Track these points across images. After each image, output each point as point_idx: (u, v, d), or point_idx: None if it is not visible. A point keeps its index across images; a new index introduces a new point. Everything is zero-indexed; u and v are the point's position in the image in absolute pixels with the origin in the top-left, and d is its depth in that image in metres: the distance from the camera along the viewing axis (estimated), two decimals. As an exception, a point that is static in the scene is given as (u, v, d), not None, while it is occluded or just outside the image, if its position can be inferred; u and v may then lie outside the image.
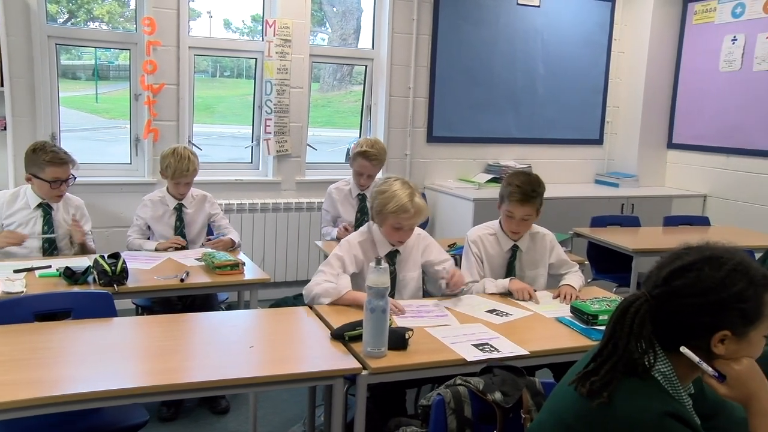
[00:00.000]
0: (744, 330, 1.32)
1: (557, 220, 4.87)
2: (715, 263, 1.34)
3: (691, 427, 1.28)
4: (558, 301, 2.88)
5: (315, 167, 5.44)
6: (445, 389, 1.91)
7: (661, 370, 1.35)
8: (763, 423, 1.35)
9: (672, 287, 1.34)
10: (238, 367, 2.05)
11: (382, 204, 2.76)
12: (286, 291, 5.08)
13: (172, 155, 3.60)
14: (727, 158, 5.59)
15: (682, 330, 1.34)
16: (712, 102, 5.71)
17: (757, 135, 5.32)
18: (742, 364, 1.34)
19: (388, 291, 2.16)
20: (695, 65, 5.87)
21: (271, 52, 4.95)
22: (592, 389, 1.33)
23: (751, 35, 5.36)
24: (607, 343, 1.37)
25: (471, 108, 5.68)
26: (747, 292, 1.31)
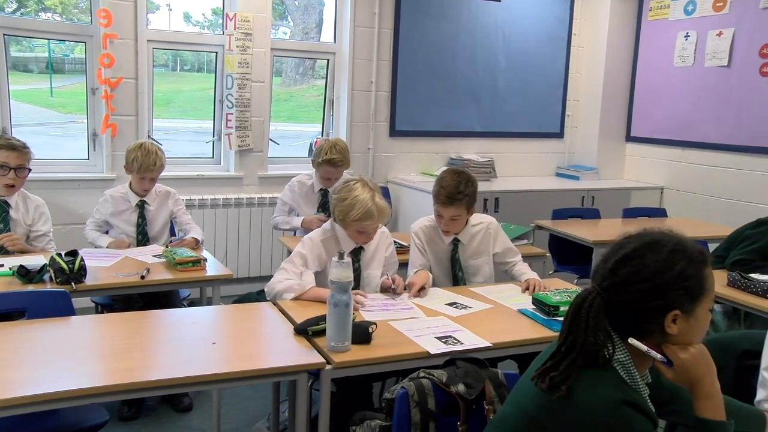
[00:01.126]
0: (691, 307, 1.38)
1: (519, 212, 4.95)
2: (655, 247, 1.39)
3: (646, 415, 1.32)
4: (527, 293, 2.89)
5: (277, 162, 5.40)
6: (408, 382, 1.92)
7: (620, 359, 1.38)
8: (706, 405, 1.41)
9: (619, 277, 1.38)
10: (201, 364, 2.03)
11: (344, 211, 2.72)
12: (249, 287, 5.04)
13: (138, 149, 3.54)
14: (683, 151, 5.72)
15: (636, 316, 1.38)
16: (667, 96, 5.83)
17: (709, 129, 5.46)
18: (688, 351, 1.39)
19: (351, 285, 2.17)
20: (651, 60, 5.98)
21: (231, 46, 4.89)
22: (551, 384, 1.36)
23: (703, 32, 5.49)
24: (564, 339, 1.40)
25: (433, 102, 5.70)
26: (688, 270, 1.37)
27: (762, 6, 5.03)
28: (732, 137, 5.28)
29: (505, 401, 1.60)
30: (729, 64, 5.29)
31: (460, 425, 1.90)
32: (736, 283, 3.09)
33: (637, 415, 1.30)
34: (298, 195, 4.13)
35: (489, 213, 5.05)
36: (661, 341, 1.40)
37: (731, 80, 5.28)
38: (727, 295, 3.05)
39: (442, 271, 3.13)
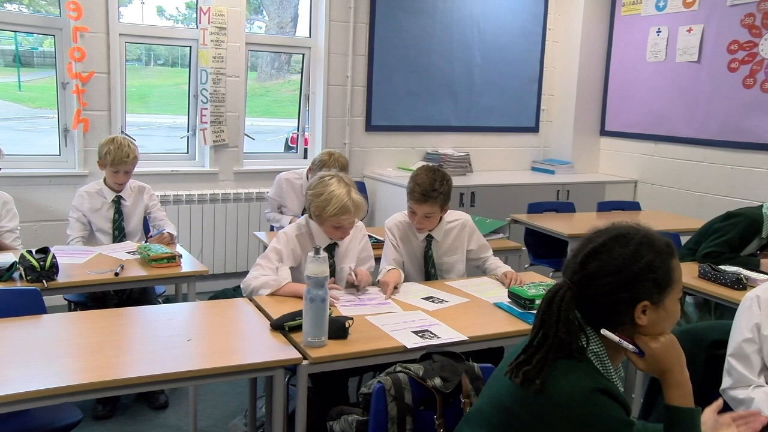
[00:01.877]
0: (660, 297, 1.40)
1: (495, 206, 4.98)
2: (622, 240, 1.41)
3: (619, 402, 1.34)
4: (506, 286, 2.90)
5: (253, 157, 5.36)
6: (385, 377, 1.92)
7: (594, 351, 1.41)
8: (675, 393, 1.44)
9: (589, 271, 1.41)
10: (177, 361, 2.01)
11: (320, 207, 2.70)
12: (225, 283, 5.03)
13: (111, 143, 3.52)
14: (656, 145, 5.79)
15: (607, 309, 1.40)
16: (640, 91, 5.90)
17: (681, 123, 5.53)
18: (658, 341, 1.42)
19: (328, 280, 2.16)
20: (624, 55, 6.05)
21: (206, 40, 4.84)
22: (525, 378, 1.37)
23: (674, 28, 5.56)
24: (536, 333, 1.42)
25: (409, 97, 5.70)
26: (655, 262, 1.39)
27: (729, 3, 5.11)
28: (702, 131, 5.36)
29: (480, 394, 1.62)
30: (699, 59, 5.36)
31: (436, 419, 1.91)
32: (707, 275, 3.14)
33: (611, 402, 1.33)
34: (285, 192, 4.17)
35: (465, 207, 5.08)
36: (633, 332, 1.42)
37: (701, 75, 5.36)
38: (698, 287, 3.10)
39: (416, 267, 3.13)
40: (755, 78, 4.98)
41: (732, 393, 1.97)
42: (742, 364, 1.98)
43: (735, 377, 1.98)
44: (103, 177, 3.64)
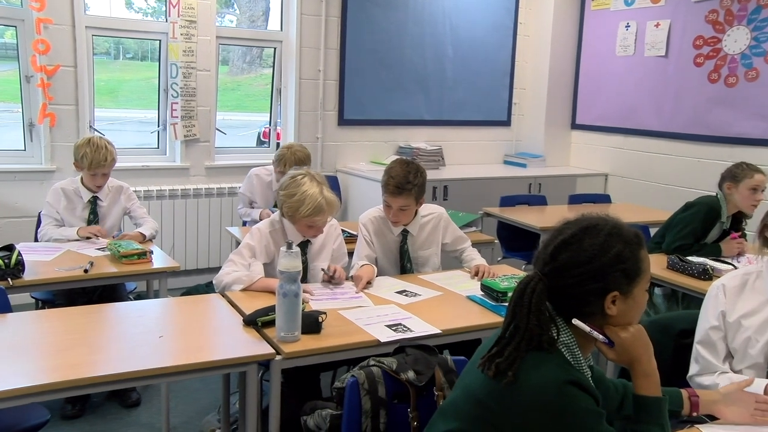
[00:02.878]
0: (629, 288, 1.42)
1: (467, 200, 5.00)
2: (592, 231, 1.43)
3: (589, 394, 1.36)
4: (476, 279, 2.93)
5: (225, 152, 5.32)
6: (358, 371, 1.92)
7: (565, 342, 1.42)
8: (644, 383, 1.46)
9: (559, 262, 1.42)
10: (148, 358, 1.99)
11: (293, 208, 2.69)
12: (198, 279, 4.97)
13: (87, 145, 3.41)
14: (626, 138, 5.87)
15: (577, 299, 1.42)
16: (610, 85, 5.97)
17: (649, 117, 5.62)
18: (628, 331, 1.44)
19: (300, 275, 2.15)
20: (594, 49, 6.11)
21: (175, 34, 4.78)
22: (497, 370, 1.38)
23: (642, 23, 5.63)
24: (508, 325, 1.43)
25: (382, 91, 5.70)
26: (624, 253, 1.41)
27: (694, -1, 5.20)
28: (670, 125, 5.45)
29: (454, 386, 1.63)
30: (666, 54, 5.44)
31: (410, 412, 1.91)
32: (675, 266, 3.20)
33: (582, 394, 1.34)
34: (255, 188, 4.14)
35: (438, 201, 5.10)
36: (602, 323, 1.44)
37: (669, 69, 5.44)
38: (666, 278, 3.16)
39: (391, 262, 3.13)
40: (720, 73, 5.07)
41: (698, 379, 2.01)
42: (708, 351, 2.02)
43: (702, 364, 2.02)
44: (80, 175, 3.55)
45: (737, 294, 2.04)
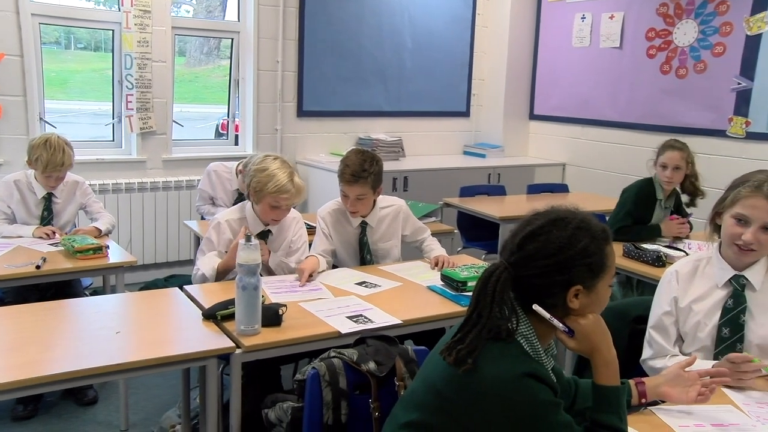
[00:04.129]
0: (593, 282, 1.43)
1: (427, 191, 5.02)
2: (560, 224, 1.43)
3: (548, 385, 1.37)
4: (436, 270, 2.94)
5: (182, 144, 5.24)
6: (319, 362, 1.92)
7: (523, 332, 1.43)
8: (604, 372, 1.48)
9: (526, 252, 1.43)
10: (104, 354, 1.95)
11: (261, 183, 2.70)
12: (156, 273, 4.90)
13: (43, 147, 3.26)
14: (582, 129, 5.97)
15: (540, 291, 1.43)
16: (567, 76, 6.05)
17: (605, 107, 5.72)
18: (588, 319, 1.45)
19: (260, 268, 2.14)
20: (551, 41, 6.19)
21: (129, 24, 4.67)
22: (458, 357, 1.39)
23: (597, 14, 5.72)
24: (472, 312, 1.43)
25: (341, 82, 5.67)
26: (591, 248, 1.42)
27: (646, -9, 5.31)
28: (625, 115, 5.56)
29: (415, 376, 1.63)
30: (621, 45, 5.54)
31: (371, 402, 1.92)
32: (630, 254, 3.27)
33: (540, 386, 1.36)
34: (215, 183, 4.06)
35: (398, 192, 5.11)
36: (563, 315, 1.45)
37: (623, 61, 5.54)
38: (622, 265, 3.23)
39: (350, 254, 3.13)
40: (671, 65, 5.19)
41: (651, 363, 2.07)
42: (661, 335, 2.07)
43: (655, 348, 2.07)
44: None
45: (689, 280, 2.10)
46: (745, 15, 4.73)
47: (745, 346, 1.99)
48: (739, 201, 1.97)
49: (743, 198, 1.96)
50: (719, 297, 2.03)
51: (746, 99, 4.74)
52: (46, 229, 3.31)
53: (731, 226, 1.99)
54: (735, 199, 1.99)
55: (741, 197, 1.97)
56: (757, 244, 1.95)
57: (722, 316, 2.01)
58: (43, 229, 3.30)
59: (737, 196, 1.98)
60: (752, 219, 1.94)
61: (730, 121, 4.85)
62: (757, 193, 1.94)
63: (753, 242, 1.94)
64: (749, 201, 1.95)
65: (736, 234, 1.97)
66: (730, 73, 4.83)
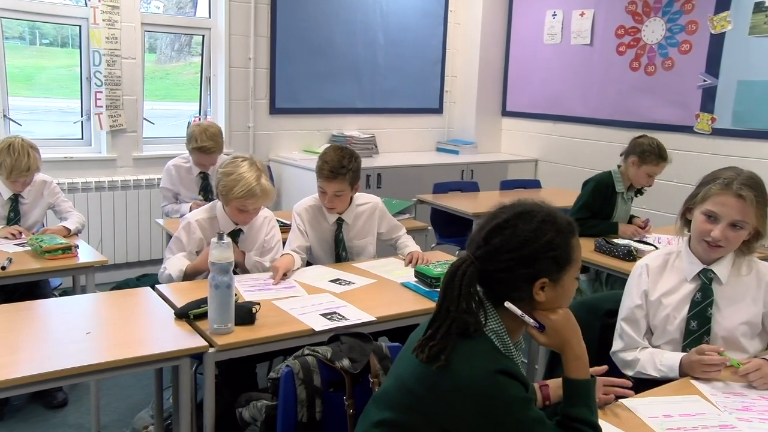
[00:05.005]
0: (559, 276, 1.44)
1: (401, 187, 5.03)
2: (526, 217, 1.44)
3: (519, 381, 1.38)
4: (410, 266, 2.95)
5: (153, 142, 5.18)
6: (293, 360, 1.92)
7: (493, 328, 1.43)
8: (574, 366, 1.49)
9: (492, 246, 1.43)
10: (74, 356, 1.92)
11: (228, 187, 2.69)
12: (128, 273, 4.84)
13: (6, 152, 3.19)
14: (554, 125, 6.02)
15: (507, 284, 1.44)
16: (539, 72, 6.11)
17: (576, 104, 5.78)
18: (558, 314, 1.47)
19: (232, 266, 2.13)
20: (523, 37, 6.23)
21: (97, 20, 4.60)
22: (430, 354, 1.39)
23: (568, 11, 5.78)
24: (440, 308, 1.43)
25: (314, 79, 5.65)
26: (556, 240, 1.43)
27: (615, -11, 5.38)
28: (596, 111, 5.63)
29: (388, 374, 1.63)
30: (591, 42, 5.61)
31: (346, 399, 1.92)
32: (602, 249, 3.31)
33: (511, 382, 1.36)
34: (176, 179, 3.99)
35: (371, 189, 5.11)
36: (530, 308, 1.46)
37: (594, 58, 5.60)
38: (593, 260, 3.26)
39: (326, 251, 3.13)
40: (640, 61, 5.27)
41: (621, 355, 2.10)
42: (632, 327, 2.10)
43: (626, 341, 2.10)
44: None
45: (659, 273, 2.13)
46: (709, 14, 4.81)
47: (711, 339, 2.03)
48: (709, 198, 2.01)
49: (713, 195, 2.00)
50: (688, 290, 2.07)
51: (712, 96, 4.83)
52: (12, 228, 3.24)
53: (701, 223, 2.02)
54: (705, 195, 2.02)
55: (711, 194, 2.00)
56: (725, 241, 1.99)
57: (690, 309, 2.05)
58: (9, 229, 3.23)
59: (708, 193, 2.02)
60: (721, 216, 1.98)
61: (696, 117, 4.94)
62: (726, 191, 1.98)
63: (721, 239, 1.98)
64: (719, 198, 1.99)
65: (705, 230, 2.01)
66: (696, 70, 4.91)
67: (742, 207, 1.96)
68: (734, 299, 2.05)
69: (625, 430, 1.65)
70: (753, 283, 2.06)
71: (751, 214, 1.96)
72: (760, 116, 4.59)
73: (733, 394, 1.84)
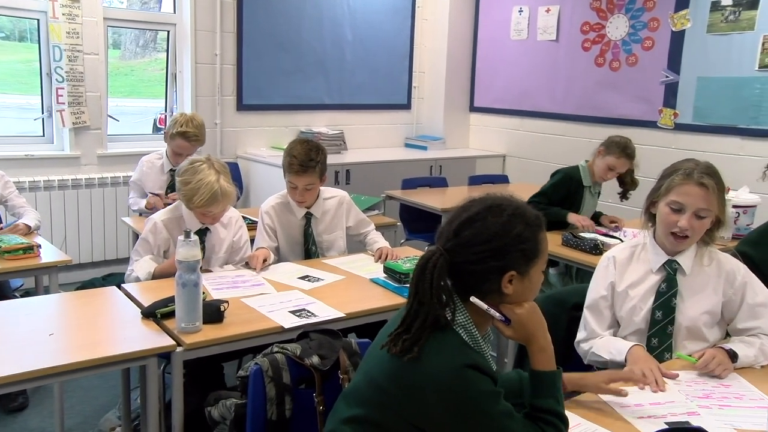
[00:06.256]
0: (527, 269, 1.46)
1: (370, 183, 5.03)
2: (496, 211, 1.46)
3: (487, 375, 1.39)
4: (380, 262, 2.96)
5: (118, 140, 5.09)
6: (262, 358, 1.91)
7: (461, 323, 1.44)
8: (540, 358, 1.51)
9: (462, 238, 1.44)
10: (36, 358, 1.88)
11: (188, 196, 2.65)
12: (94, 272, 4.76)
13: None
14: (521, 120, 6.07)
15: (476, 276, 1.44)
16: (506, 68, 6.15)
17: (543, 99, 5.84)
18: (523, 307, 1.48)
19: (200, 264, 2.11)
20: (490, 33, 6.27)
21: (56, 14, 4.50)
22: (403, 347, 1.39)
23: (534, 8, 5.83)
24: (413, 301, 1.43)
25: (281, 75, 5.61)
26: (525, 233, 1.44)
27: (580, -14, 5.44)
28: (562, 107, 5.69)
29: (357, 370, 1.63)
30: (557, 38, 5.67)
31: (316, 396, 1.92)
32: (569, 242, 3.36)
33: (480, 376, 1.37)
34: (147, 174, 3.92)
35: (340, 185, 5.10)
36: (498, 301, 1.47)
37: (559, 53, 5.66)
38: (560, 254, 3.31)
39: (295, 247, 3.12)
40: (605, 57, 5.34)
41: (583, 345, 2.13)
42: (595, 318, 2.14)
43: (588, 330, 2.14)
44: None
45: (626, 265, 2.16)
46: (669, 11, 4.90)
47: (675, 328, 2.07)
48: (672, 189, 2.05)
49: (676, 186, 2.04)
50: (653, 281, 2.11)
51: (674, 91, 4.92)
52: None
53: (667, 215, 2.06)
54: (669, 187, 2.06)
55: (674, 185, 2.05)
56: (691, 230, 2.03)
57: (656, 300, 2.09)
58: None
59: (671, 185, 2.06)
60: (686, 206, 2.02)
61: (660, 112, 5.03)
62: (688, 180, 2.02)
63: (688, 228, 2.02)
64: (682, 188, 2.03)
65: (671, 222, 2.05)
66: (659, 67, 5.00)
67: (705, 195, 2.01)
68: (696, 289, 2.09)
69: (596, 420, 1.68)
70: (714, 273, 2.11)
71: (713, 202, 2.01)
72: (719, 112, 4.69)
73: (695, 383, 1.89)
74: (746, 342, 2.04)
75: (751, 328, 2.06)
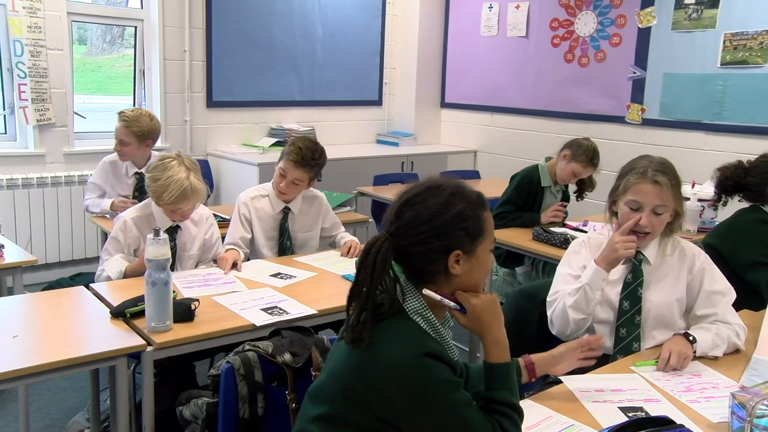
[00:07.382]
0: (472, 247, 1.45)
1: (341, 180, 5.01)
2: (435, 191, 1.46)
3: (446, 364, 1.39)
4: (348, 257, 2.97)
5: (86, 137, 5.01)
6: (234, 356, 1.89)
7: (417, 309, 1.44)
8: (494, 351, 1.50)
9: (403, 221, 1.44)
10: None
11: (157, 193, 2.63)
12: (61, 272, 4.69)
13: None
14: (492, 116, 6.11)
15: (421, 257, 1.44)
16: (476, 64, 6.18)
17: (514, 95, 5.88)
18: (480, 298, 1.48)
19: (170, 263, 2.08)
20: (461, 30, 6.29)
21: (15, 7, 4.39)
22: (354, 337, 1.39)
23: (504, 4, 5.87)
24: (354, 287, 1.43)
25: (251, 71, 5.57)
26: (466, 212, 1.44)
27: (549, -18, 5.48)
28: (532, 102, 5.74)
29: (323, 368, 1.62)
30: (527, 34, 5.71)
31: (288, 394, 1.91)
32: (540, 237, 3.39)
33: (439, 365, 1.37)
34: (110, 175, 3.79)
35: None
36: (448, 283, 1.46)
37: (529, 50, 5.71)
38: (531, 249, 3.34)
39: (270, 240, 3.11)
40: (574, 53, 5.40)
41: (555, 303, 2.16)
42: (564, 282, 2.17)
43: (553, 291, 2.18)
44: None
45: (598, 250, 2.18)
46: (636, 9, 4.97)
47: (643, 317, 2.11)
48: (629, 188, 2.10)
49: (632, 185, 2.09)
50: (620, 272, 2.15)
51: (641, 87, 5.00)
52: None
53: (627, 214, 2.11)
54: (626, 187, 2.11)
55: (630, 185, 2.10)
56: (651, 227, 2.09)
57: (623, 290, 2.12)
58: None
59: (627, 184, 2.11)
60: (643, 204, 2.08)
61: (628, 108, 5.10)
62: (643, 179, 2.07)
63: (647, 226, 2.08)
64: (638, 187, 2.08)
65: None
66: (626, 63, 5.07)
67: (660, 192, 2.05)
68: (661, 278, 2.14)
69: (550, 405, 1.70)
70: (677, 261, 2.16)
71: (669, 197, 2.06)
72: (684, 107, 4.77)
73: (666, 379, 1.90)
74: (703, 328, 2.09)
75: (708, 315, 2.11)
